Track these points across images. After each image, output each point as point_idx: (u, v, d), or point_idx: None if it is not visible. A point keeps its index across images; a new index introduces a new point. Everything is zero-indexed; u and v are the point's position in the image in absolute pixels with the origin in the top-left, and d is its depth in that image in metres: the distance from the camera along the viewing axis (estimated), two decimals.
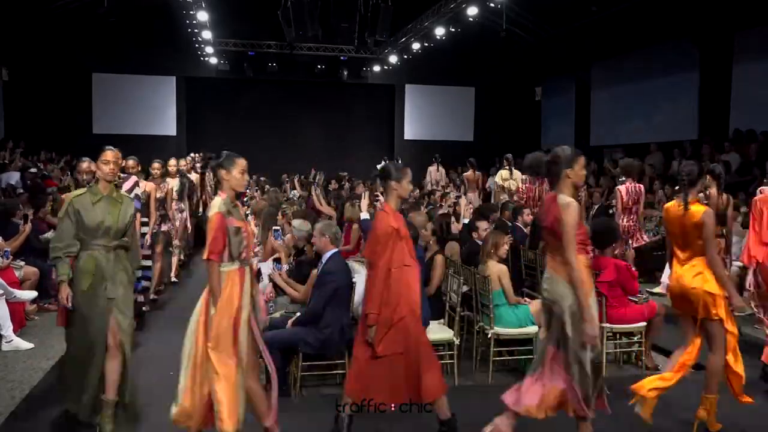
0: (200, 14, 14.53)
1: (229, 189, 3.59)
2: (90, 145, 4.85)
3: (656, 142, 13.64)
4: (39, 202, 8.56)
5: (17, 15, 13.86)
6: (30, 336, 6.04)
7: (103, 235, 3.87)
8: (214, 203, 3.61)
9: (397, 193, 3.76)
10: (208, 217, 3.54)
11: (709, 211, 3.93)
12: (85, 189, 3.98)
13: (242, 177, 3.62)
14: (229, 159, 3.58)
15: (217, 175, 3.64)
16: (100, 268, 3.84)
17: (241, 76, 19.32)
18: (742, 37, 12.42)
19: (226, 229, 3.46)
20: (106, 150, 3.96)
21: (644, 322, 5.31)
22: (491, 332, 5.10)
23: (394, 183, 3.74)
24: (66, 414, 4.02)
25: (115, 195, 3.99)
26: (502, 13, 13.96)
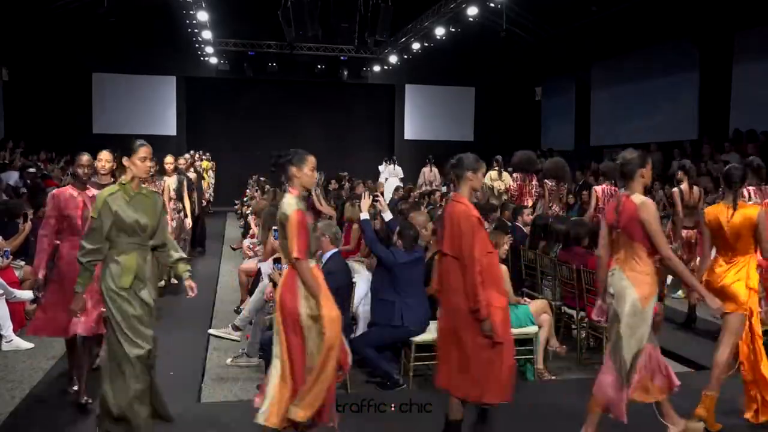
0: (200, 14, 14.54)
1: (300, 186, 3.57)
2: (90, 145, 4.82)
3: (656, 142, 13.64)
4: (39, 202, 8.54)
5: (17, 15, 13.87)
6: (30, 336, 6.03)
7: (140, 234, 3.65)
8: (289, 201, 3.51)
9: (471, 184, 3.68)
10: (287, 215, 3.44)
11: (762, 210, 4.05)
12: (117, 186, 3.67)
13: (313, 174, 3.62)
14: (300, 156, 3.57)
15: (287, 173, 3.59)
16: (140, 268, 3.65)
17: (241, 76, 19.34)
18: (742, 37, 12.43)
19: (308, 226, 3.48)
20: (141, 146, 3.66)
21: None
22: None
23: (470, 173, 3.67)
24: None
25: (144, 191, 3.77)
26: (502, 13, 13.97)
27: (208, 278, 9.04)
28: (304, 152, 3.60)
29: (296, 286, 3.47)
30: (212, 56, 18.55)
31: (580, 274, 5.51)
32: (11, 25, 14.18)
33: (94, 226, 3.57)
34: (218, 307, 7.48)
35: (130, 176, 3.66)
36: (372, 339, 5.00)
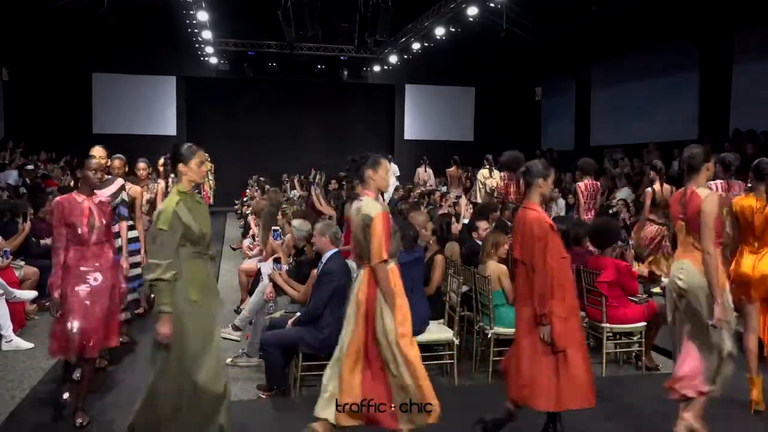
0: (200, 14, 14.54)
1: (376, 189, 3.64)
2: (90, 145, 4.79)
3: (656, 142, 13.64)
4: (39, 202, 8.54)
5: (17, 15, 13.87)
6: (30, 336, 6.03)
7: (202, 243, 3.50)
8: (372, 204, 3.54)
9: (541, 190, 3.76)
10: (372, 217, 3.46)
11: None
12: (178, 195, 3.44)
13: (386, 176, 3.70)
14: (376, 160, 3.65)
15: (363, 175, 3.65)
16: (206, 279, 3.51)
17: (241, 76, 19.33)
18: (742, 37, 12.43)
19: (390, 228, 3.52)
20: (197, 150, 3.49)
21: (644, 322, 5.31)
22: (491, 332, 5.10)
23: (541, 180, 3.73)
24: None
25: (198, 198, 3.59)
26: (502, 13, 13.96)
27: None
28: (379, 156, 3.70)
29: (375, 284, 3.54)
30: (212, 56, 18.55)
31: (580, 274, 5.51)
32: (11, 25, 14.18)
33: (166, 239, 3.32)
34: None
35: (188, 183, 3.49)
36: None
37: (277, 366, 4.64)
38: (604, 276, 5.22)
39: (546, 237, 3.59)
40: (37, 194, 9.71)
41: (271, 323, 5.04)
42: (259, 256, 7.01)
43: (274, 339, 4.64)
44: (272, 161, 18.43)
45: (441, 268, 5.43)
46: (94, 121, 18.73)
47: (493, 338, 5.10)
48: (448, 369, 5.14)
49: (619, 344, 5.56)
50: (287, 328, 4.76)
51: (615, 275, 5.24)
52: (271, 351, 4.61)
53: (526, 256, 3.62)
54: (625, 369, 5.49)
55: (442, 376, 5.22)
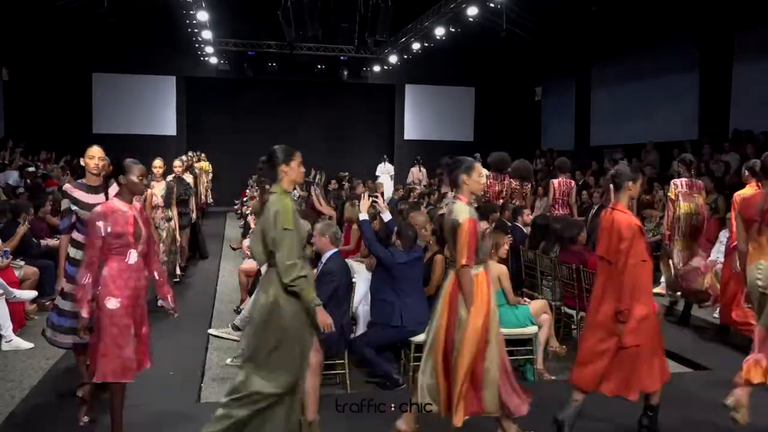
0: (200, 14, 14.53)
1: (469, 193, 3.68)
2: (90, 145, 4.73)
3: (656, 142, 13.64)
4: (39, 202, 8.54)
5: (17, 15, 13.87)
6: (30, 336, 6.03)
7: (303, 242, 3.58)
8: (462, 209, 3.58)
9: (630, 193, 3.91)
10: (460, 223, 3.51)
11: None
12: (285, 194, 3.45)
13: (481, 180, 3.76)
14: (470, 165, 3.68)
15: (457, 180, 3.67)
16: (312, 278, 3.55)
17: (241, 76, 19.33)
18: (742, 37, 12.42)
19: (477, 233, 3.56)
20: (296, 151, 3.49)
21: None
22: None
23: (630, 183, 3.86)
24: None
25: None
26: (502, 13, 13.96)
27: (208, 278, 9.05)
28: (473, 160, 3.75)
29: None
30: (212, 56, 18.55)
31: (579, 274, 5.52)
32: (11, 25, 14.17)
33: (293, 238, 3.33)
34: (218, 307, 7.48)
35: (289, 183, 3.49)
36: (371, 339, 5.01)
37: None
38: None
39: (632, 239, 3.72)
40: (37, 194, 9.70)
41: None
42: None
43: None
44: None
45: (441, 267, 5.43)
46: (94, 121, 18.73)
47: None
48: None
49: None
50: None
51: None
52: None
53: (611, 254, 3.76)
54: None
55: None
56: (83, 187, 4.32)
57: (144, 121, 18.88)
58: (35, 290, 6.74)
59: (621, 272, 3.70)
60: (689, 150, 12.55)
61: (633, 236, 3.72)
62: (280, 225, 3.30)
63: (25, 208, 7.64)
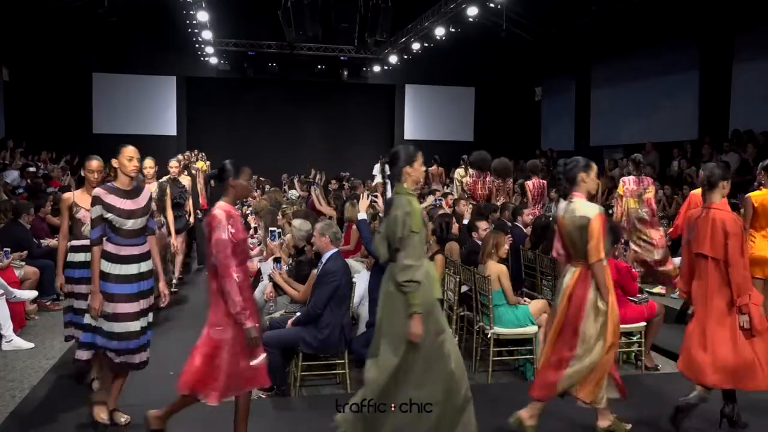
0: (200, 14, 14.54)
1: (586, 191, 3.83)
2: (90, 145, 4.75)
3: (656, 142, 13.64)
4: (39, 203, 8.55)
5: (18, 15, 13.86)
6: (30, 336, 6.05)
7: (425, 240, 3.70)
8: (589, 206, 3.70)
9: (724, 191, 4.04)
10: (590, 219, 3.61)
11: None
12: (410, 194, 3.51)
13: (596, 179, 3.91)
14: (587, 163, 3.83)
15: (575, 179, 3.78)
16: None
17: (242, 75, 19.35)
18: (742, 37, 12.42)
19: (606, 228, 3.70)
20: (419, 150, 3.57)
21: (644, 322, 5.32)
22: (491, 332, 5.11)
23: (724, 182, 4.03)
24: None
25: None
26: (502, 13, 13.95)
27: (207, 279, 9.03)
28: (589, 160, 3.87)
29: (589, 281, 3.70)
30: (212, 56, 18.55)
31: None
32: (12, 25, 14.16)
33: (417, 240, 3.39)
34: None
35: (412, 183, 3.56)
36: (369, 339, 5.00)
37: (277, 366, 4.64)
38: None
39: (740, 234, 3.90)
40: (37, 195, 9.71)
41: (271, 323, 5.05)
42: (260, 256, 7.01)
43: (274, 339, 4.64)
44: (272, 161, 18.42)
45: (441, 267, 5.44)
46: (94, 121, 18.74)
47: (493, 338, 5.11)
48: None
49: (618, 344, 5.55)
50: (287, 328, 4.77)
51: (615, 276, 5.24)
52: (271, 351, 4.59)
53: (718, 252, 3.88)
54: (625, 369, 5.51)
55: None
56: (118, 192, 3.93)
57: (144, 121, 18.88)
58: (35, 290, 6.75)
59: (736, 267, 3.83)
60: (689, 150, 12.59)
61: (740, 231, 3.89)
62: (408, 227, 3.36)
63: (26, 208, 7.65)
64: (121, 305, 3.84)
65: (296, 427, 4.20)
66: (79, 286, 4.41)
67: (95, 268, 3.85)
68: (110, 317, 3.84)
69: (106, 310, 3.84)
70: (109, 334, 3.85)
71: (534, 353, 5.21)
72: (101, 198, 3.85)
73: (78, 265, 4.44)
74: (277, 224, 6.95)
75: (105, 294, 3.84)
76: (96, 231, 3.85)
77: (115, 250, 3.87)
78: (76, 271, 4.44)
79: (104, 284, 3.85)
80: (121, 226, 3.87)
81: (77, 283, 4.43)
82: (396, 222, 3.38)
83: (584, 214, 3.66)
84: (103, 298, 3.83)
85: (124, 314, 3.85)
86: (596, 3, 12.85)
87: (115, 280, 3.85)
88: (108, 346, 3.86)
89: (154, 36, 17.24)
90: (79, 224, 4.54)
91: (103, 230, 3.87)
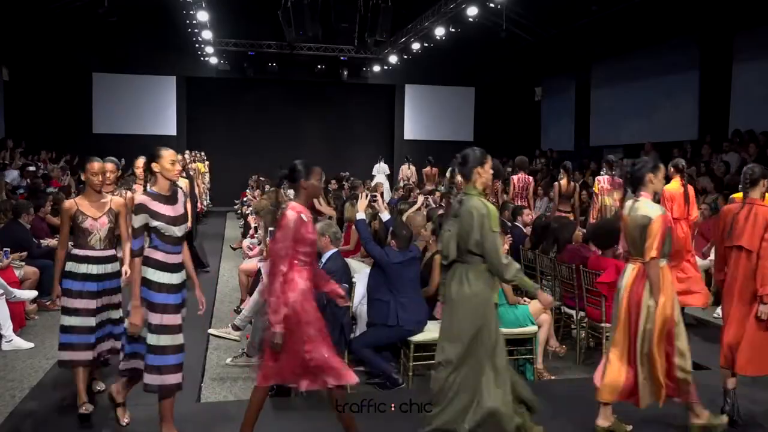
0: (200, 14, 14.54)
1: (653, 191, 3.95)
2: (90, 145, 4.72)
3: (656, 142, 13.64)
4: (39, 202, 8.55)
5: (18, 15, 13.87)
6: (30, 335, 6.05)
7: None
8: (652, 206, 3.81)
9: (762, 190, 4.22)
10: (652, 218, 3.73)
11: None
12: (481, 195, 3.63)
13: (663, 180, 4.02)
14: (656, 165, 3.94)
15: (642, 179, 3.88)
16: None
17: (242, 75, 19.35)
18: (742, 37, 12.42)
19: (666, 229, 3.81)
20: (488, 155, 3.66)
21: None
22: None
23: (765, 180, 4.22)
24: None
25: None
26: (502, 13, 13.96)
27: (208, 278, 9.05)
28: (658, 161, 4.02)
29: (645, 279, 3.81)
30: (212, 56, 18.55)
31: (579, 274, 5.52)
32: (12, 24, 14.17)
33: (498, 240, 3.54)
34: (218, 307, 7.48)
35: (481, 185, 3.65)
36: (369, 339, 5.01)
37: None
38: (604, 276, 5.22)
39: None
40: (37, 194, 9.71)
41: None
42: (260, 256, 7.01)
43: None
44: (272, 161, 18.38)
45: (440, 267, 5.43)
46: (94, 120, 18.75)
47: None
48: None
49: None
50: None
51: (616, 276, 5.24)
52: None
53: (754, 244, 4.08)
54: None
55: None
56: (160, 199, 3.72)
57: (144, 121, 18.88)
58: (35, 290, 6.75)
59: (764, 259, 4.02)
60: (689, 150, 12.59)
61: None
62: (487, 228, 3.48)
63: (26, 208, 7.65)
64: (167, 317, 3.66)
65: (296, 425, 4.21)
66: (79, 300, 4.13)
67: (137, 281, 3.62)
68: (158, 329, 3.64)
69: (153, 321, 3.64)
70: (152, 348, 3.65)
71: (534, 353, 5.21)
72: (147, 206, 3.64)
73: (80, 278, 4.15)
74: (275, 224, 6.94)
75: (151, 304, 3.65)
76: (138, 241, 3.65)
77: (165, 258, 3.69)
78: (76, 284, 4.14)
79: (152, 294, 3.66)
80: (171, 233, 3.69)
81: (77, 297, 4.13)
82: (470, 224, 3.49)
83: (647, 214, 3.79)
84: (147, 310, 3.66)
85: (172, 326, 3.68)
86: (596, 3, 12.86)
87: (166, 290, 3.67)
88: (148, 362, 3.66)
89: (154, 36, 17.25)
90: (85, 234, 4.20)
91: (144, 240, 3.68)
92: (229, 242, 12.22)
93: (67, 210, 4.23)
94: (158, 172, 3.74)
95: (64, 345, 4.21)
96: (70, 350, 4.18)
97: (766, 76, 11.64)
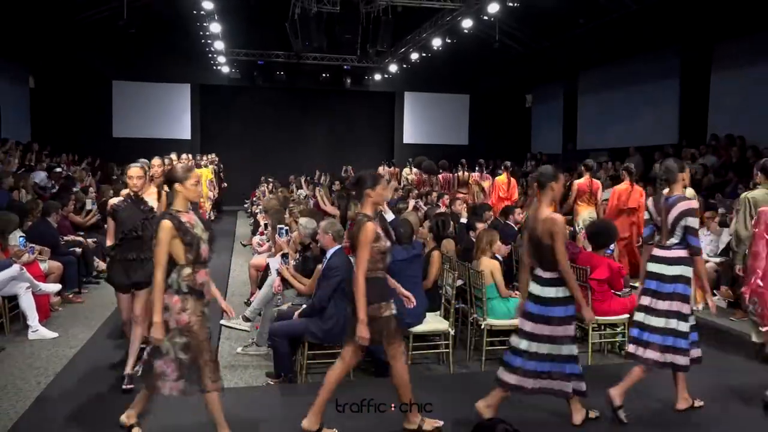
0: (213, 26, 14.53)
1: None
2: (110, 148, 4.69)
3: (639, 146, 13.64)
4: (63, 201, 8.54)
5: (43, 26, 13.87)
6: (54, 326, 6.05)
7: None
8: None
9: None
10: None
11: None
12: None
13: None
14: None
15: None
16: None
17: (251, 83, 19.35)
18: (720, 47, 12.41)
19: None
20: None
21: (627, 314, 5.31)
22: (484, 323, 5.11)
23: None
24: None
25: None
26: (495, 25, 13.97)
27: (220, 273, 9.06)
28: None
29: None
30: (224, 65, 18.54)
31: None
32: (37, 35, 14.17)
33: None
34: (229, 300, 7.46)
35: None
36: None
37: (285, 354, 4.65)
38: (597, 273, 5.23)
39: None
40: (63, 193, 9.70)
41: (279, 315, 5.05)
42: (269, 252, 7.02)
43: (282, 329, 4.65)
44: (280, 163, 18.43)
45: (437, 263, 5.44)
46: (113, 125, 18.75)
47: (486, 329, 5.11)
48: (444, 358, 5.15)
49: (603, 335, 5.56)
50: (294, 320, 4.77)
51: (607, 274, 5.26)
52: (279, 340, 4.62)
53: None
54: (609, 358, 5.51)
55: (438, 364, 5.25)
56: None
57: (160, 126, 18.90)
58: (59, 283, 6.76)
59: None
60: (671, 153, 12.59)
61: None
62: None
63: (55, 208, 7.67)
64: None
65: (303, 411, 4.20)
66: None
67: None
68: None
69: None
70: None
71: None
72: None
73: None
74: (285, 222, 6.95)
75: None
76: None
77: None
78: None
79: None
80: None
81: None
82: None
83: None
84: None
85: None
86: (583, 16, 12.86)
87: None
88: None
89: (170, 46, 17.23)
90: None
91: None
92: (239, 239, 12.22)
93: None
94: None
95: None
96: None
97: (743, 85, 11.64)
